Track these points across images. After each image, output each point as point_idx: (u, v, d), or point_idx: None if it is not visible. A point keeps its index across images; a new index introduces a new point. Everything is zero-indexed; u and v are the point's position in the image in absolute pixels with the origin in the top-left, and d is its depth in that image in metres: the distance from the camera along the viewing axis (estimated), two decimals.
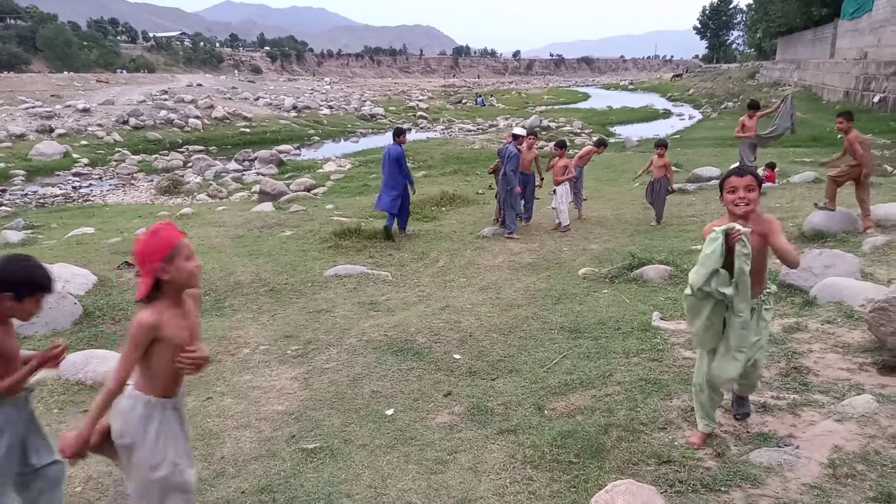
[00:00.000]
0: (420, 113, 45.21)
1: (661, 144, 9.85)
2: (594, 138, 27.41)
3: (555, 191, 10.00)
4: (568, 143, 10.59)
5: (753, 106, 12.60)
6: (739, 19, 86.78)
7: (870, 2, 27.93)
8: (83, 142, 28.20)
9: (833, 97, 27.52)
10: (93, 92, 44.26)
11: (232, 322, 6.58)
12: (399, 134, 10.30)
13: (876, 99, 21.89)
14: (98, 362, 5.17)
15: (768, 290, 3.49)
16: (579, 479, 3.40)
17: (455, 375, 5.03)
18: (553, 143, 11.20)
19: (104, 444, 2.58)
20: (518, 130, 10.29)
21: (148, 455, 2.54)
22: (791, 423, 3.72)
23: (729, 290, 3.19)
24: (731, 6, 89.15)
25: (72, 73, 61.05)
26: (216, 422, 4.37)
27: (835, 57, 33.18)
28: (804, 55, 40.63)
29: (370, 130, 38.66)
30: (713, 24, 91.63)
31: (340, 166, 22.46)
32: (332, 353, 5.53)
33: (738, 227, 3.18)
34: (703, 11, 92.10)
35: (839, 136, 18.32)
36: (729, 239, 3.16)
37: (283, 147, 29.22)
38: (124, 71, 77.56)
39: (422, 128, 39.00)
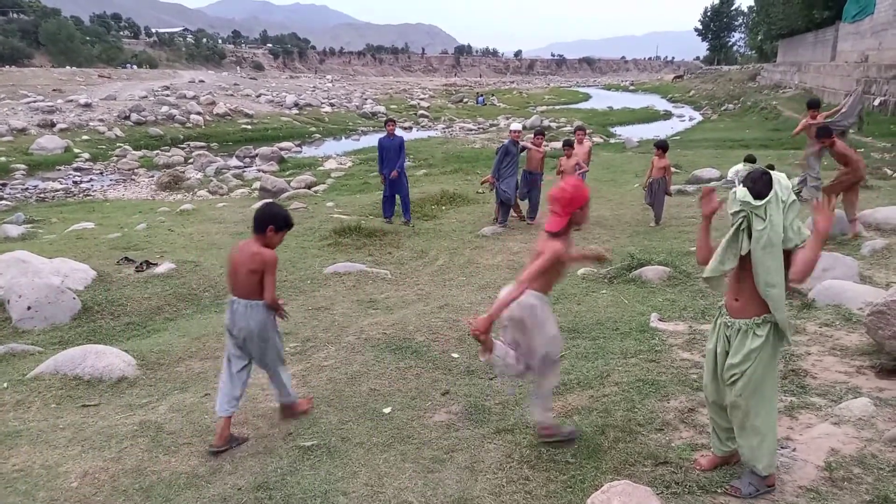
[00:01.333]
0: (421, 111, 45.15)
1: (661, 146, 9.85)
2: (594, 138, 27.42)
3: None
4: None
5: (814, 105, 10.62)
6: (741, 21, 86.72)
7: (871, 5, 27.90)
8: (84, 137, 28.18)
9: (834, 100, 27.50)
10: (95, 87, 44.24)
11: None
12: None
13: (876, 102, 21.88)
14: (96, 357, 5.18)
15: (767, 318, 2.95)
16: (576, 479, 3.40)
17: (453, 374, 5.03)
18: (562, 142, 11.22)
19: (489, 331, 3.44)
20: (515, 126, 10.59)
21: (546, 333, 3.54)
22: (788, 425, 3.72)
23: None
24: (733, 8, 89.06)
25: (74, 67, 61.02)
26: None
27: (836, 60, 33.15)
28: (805, 58, 40.60)
29: (371, 128, 38.63)
30: (714, 26, 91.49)
31: (341, 164, 22.43)
32: (330, 351, 5.54)
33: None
34: (705, 13, 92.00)
35: None
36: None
37: (284, 144, 29.16)
38: (134, 66, 77.60)
39: (423, 126, 38.97)
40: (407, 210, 11.02)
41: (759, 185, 2.85)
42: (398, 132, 11.37)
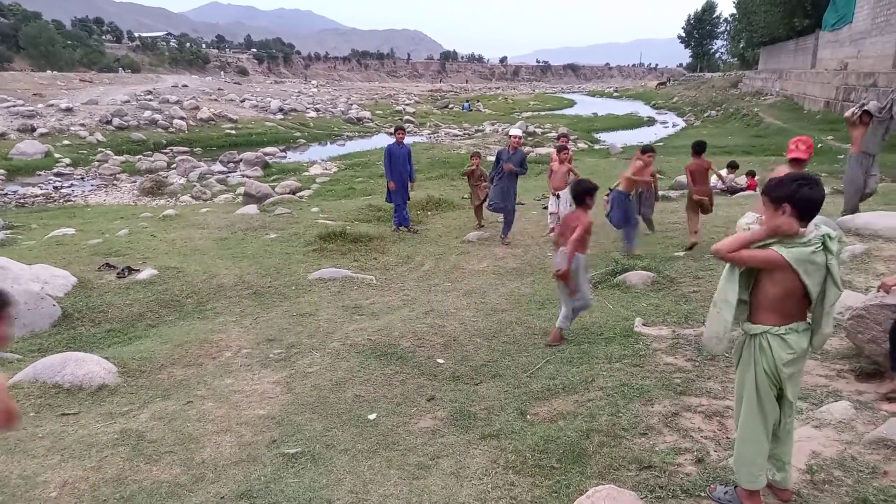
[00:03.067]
0: (407, 117, 45.15)
1: (648, 150, 9.69)
2: (580, 145, 27.58)
3: (558, 195, 9.99)
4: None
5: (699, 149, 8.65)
6: (723, 29, 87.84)
7: (850, 14, 28.40)
8: (65, 141, 27.84)
9: (814, 107, 27.94)
10: (76, 91, 43.76)
11: (214, 325, 6.52)
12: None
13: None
14: (76, 365, 5.11)
15: (768, 330, 2.84)
16: (561, 484, 3.40)
17: (438, 380, 5.03)
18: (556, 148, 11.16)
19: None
20: (514, 131, 10.42)
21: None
22: None
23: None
24: (715, 15, 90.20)
25: (55, 71, 60.32)
26: (196, 426, 4.33)
27: (816, 67, 33.69)
28: (786, 65, 41.21)
29: (357, 134, 38.56)
30: (697, 34, 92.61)
31: (326, 169, 22.37)
32: (315, 357, 5.50)
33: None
34: (688, 20, 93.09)
35: (819, 145, 18.48)
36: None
37: (268, 149, 29.03)
38: (122, 70, 77.00)
39: (408, 132, 39.00)
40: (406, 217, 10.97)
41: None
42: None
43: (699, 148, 8.56)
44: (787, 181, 2.75)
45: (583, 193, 5.41)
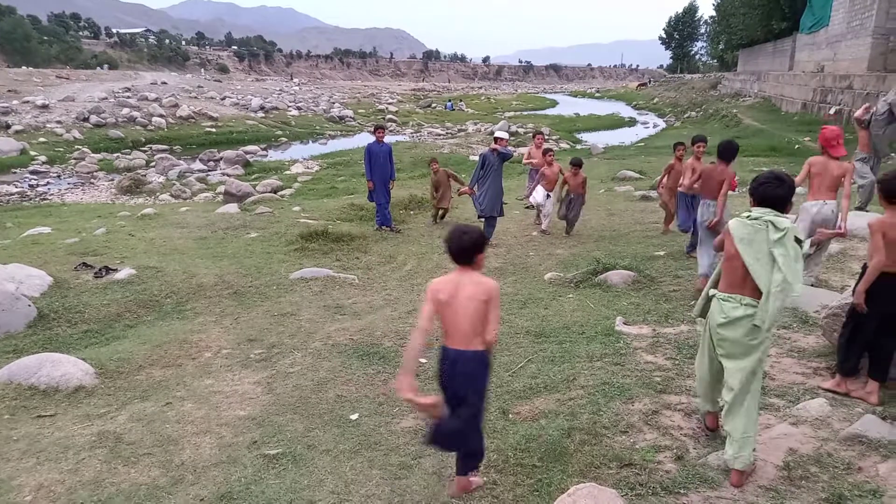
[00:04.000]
0: (390, 116, 45.04)
1: (576, 163, 9.86)
2: (562, 145, 27.72)
3: (548, 195, 10.10)
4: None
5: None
6: (703, 31, 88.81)
7: (826, 17, 28.86)
8: (41, 139, 27.36)
9: (791, 108, 28.35)
10: (53, 88, 43.05)
11: (194, 325, 6.45)
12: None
13: (832, 111, 22.62)
14: (52, 366, 5.02)
15: (716, 294, 3.38)
16: (542, 483, 3.42)
17: (421, 379, 5.00)
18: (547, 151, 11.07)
19: None
20: (500, 133, 9.99)
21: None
22: None
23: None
24: (696, 18, 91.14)
25: (31, 68, 59.27)
26: (175, 427, 4.28)
27: (793, 69, 34.17)
28: (764, 67, 41.77)
29: (339, 132, 38.39)
30: (678, 35, 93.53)
31: (308, 168, 22.23)
32: (296, 357, 5.47)
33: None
34: (669, 22, 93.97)
35: (796, 146, 18.77)
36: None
37: (249, 148, 28.79)
38: (105, 66, 75.99)
39: (391, 131, 38.90)
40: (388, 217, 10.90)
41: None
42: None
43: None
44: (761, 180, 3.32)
45: (734, 150, 6.48)
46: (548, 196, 10.15)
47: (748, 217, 3.26)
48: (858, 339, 4.02)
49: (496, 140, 9.38)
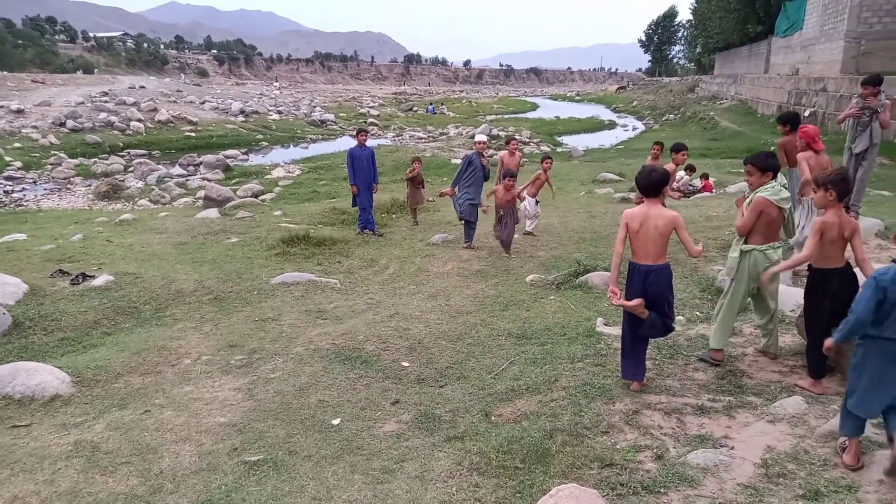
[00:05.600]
0: (371, 120, 44.92)
1: (509, 175, 9.41)
2: (542, 147, 27.87)
3: (537, 201, 10.13)
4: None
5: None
6: (681, 34, 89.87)
7: (800, 21, 29.37)
8: (16, 144, 26.89)
9: (767, 111, 28.78)
10: (28, 92, 42.39)
11: (173, 332, 6.38)
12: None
13: (807, 113, 23.00)
14: (27, 375, 4.94)
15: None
16: (525, 484, 3.43)
17: (403, 383, 5.01)
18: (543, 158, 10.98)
19: None
20: (480, 136, 10.10)
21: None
22: (727, 424, 3.86)
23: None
24: (675, 22, 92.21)
25: (5, 72, 58.28)
26: (154, 436, 4.23)
27: (769, 72, 34.72)
28: (740, 70, 42.36)
29: (320, 136, 38.24)
30: (657, 39, 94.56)
31: (289, 172, 22.10)
32: (277, 363, 5.43)
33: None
34: (650, 25, 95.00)
35: (772, 148, 19.09)
36: None
37: (230, 152, 28.53)
38: (79, 70, 75.00)
39: (373, 135, 38.84)
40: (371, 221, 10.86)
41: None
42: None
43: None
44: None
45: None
46: (537, 202, 10.16)
47: (772, 186, 4.33)
48: (819, 345, 4.10)
49: (476, 143, 9.55)
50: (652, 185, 4.12)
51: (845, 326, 3.27)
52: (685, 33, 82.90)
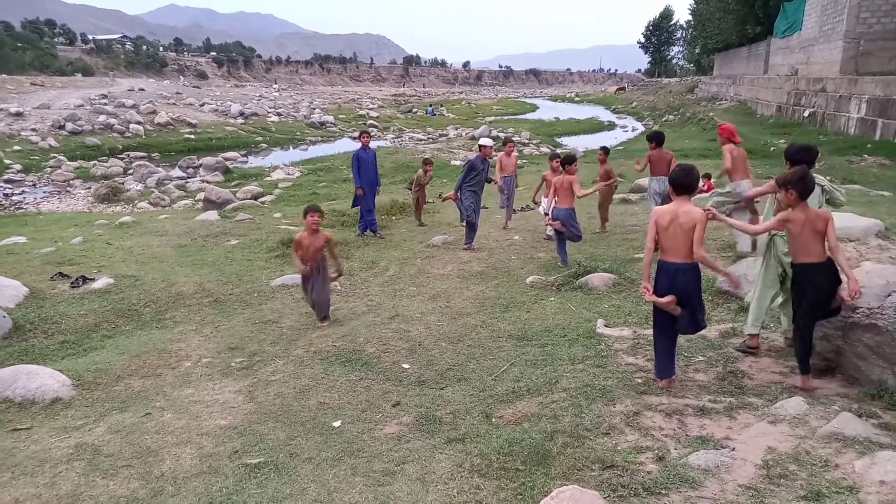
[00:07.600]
0: (370, 121, 44.99)
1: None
2: (543, 149, 27.88)
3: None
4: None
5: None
6: (680, 35, 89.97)
7: (799, 22, 29.41)
8: (16, 147, 26.90)
9: (766, 112, 28.80)
10: (27, 95, 42.38)
11: (173, 334, 6.38)
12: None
13: (806, 114, 23.02)
14: (28, 378, 4.94)
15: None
16: (525, 486, 3.43)
17: (404, 385, 5.01)
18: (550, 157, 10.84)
19: None
20: (484, 141, 9.94)
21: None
22: (727, 425, 3.85)
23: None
24: (672, 23, 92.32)
25: (4, 75, 58.29)
26: (155, 438, 4.23)
27: (768, 73, 34.76)
28: (740, 71, 42.41)
29: (320, 138, 38.27)
30: (655, 40, 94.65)
31: (289, 174, 22.11)
32: (278, 365, 5.43)
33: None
34: (648, 27, 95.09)
35: (772, 148, 19.03)
36: None
37: (229, 154, 28.56)
38: (78, 73, 75.09)
39: (372, 136, 38.83)
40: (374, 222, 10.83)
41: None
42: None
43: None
44: None
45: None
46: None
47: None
48: (805, 337, 4.19)
49: (481, 148, 9.51)
50: (688, 184, 4.19)
51: None
52: (684, 34, 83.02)
